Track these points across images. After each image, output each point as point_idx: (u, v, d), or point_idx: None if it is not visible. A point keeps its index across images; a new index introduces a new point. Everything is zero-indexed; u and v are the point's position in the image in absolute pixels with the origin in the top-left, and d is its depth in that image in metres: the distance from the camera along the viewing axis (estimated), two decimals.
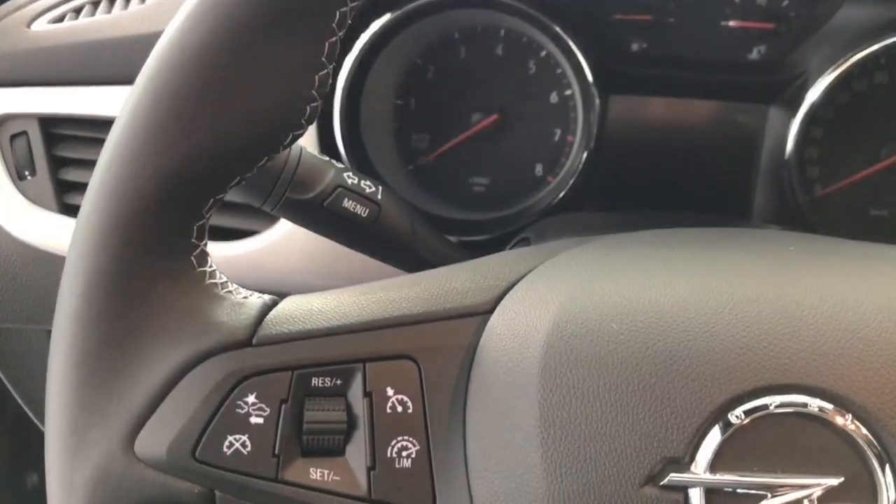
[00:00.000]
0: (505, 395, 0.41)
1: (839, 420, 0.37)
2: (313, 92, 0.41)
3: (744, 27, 0.77)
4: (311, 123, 0.43)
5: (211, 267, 0.44)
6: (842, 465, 0.37)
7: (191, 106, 0.39)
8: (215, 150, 0.40)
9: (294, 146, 0.59)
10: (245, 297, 0.44)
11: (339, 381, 0.42)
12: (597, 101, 0.75)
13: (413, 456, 0.42)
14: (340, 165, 0.59)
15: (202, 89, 0.39)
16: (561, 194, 0.77)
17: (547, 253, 0.48)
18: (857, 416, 0.37)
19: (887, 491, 0.36)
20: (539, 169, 0.82)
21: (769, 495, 0.37)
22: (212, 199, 0.42)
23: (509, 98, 0.81)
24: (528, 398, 0.40)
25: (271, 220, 0.73)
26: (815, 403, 0.37)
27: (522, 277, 0.45)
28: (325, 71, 0.42)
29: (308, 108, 0.42)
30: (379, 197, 0.59)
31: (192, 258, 0.43)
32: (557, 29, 0.74)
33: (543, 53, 0.79)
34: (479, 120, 0.81)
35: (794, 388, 0.37)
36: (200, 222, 0.43)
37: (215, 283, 0.44)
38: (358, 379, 0.42)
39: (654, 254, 0.45)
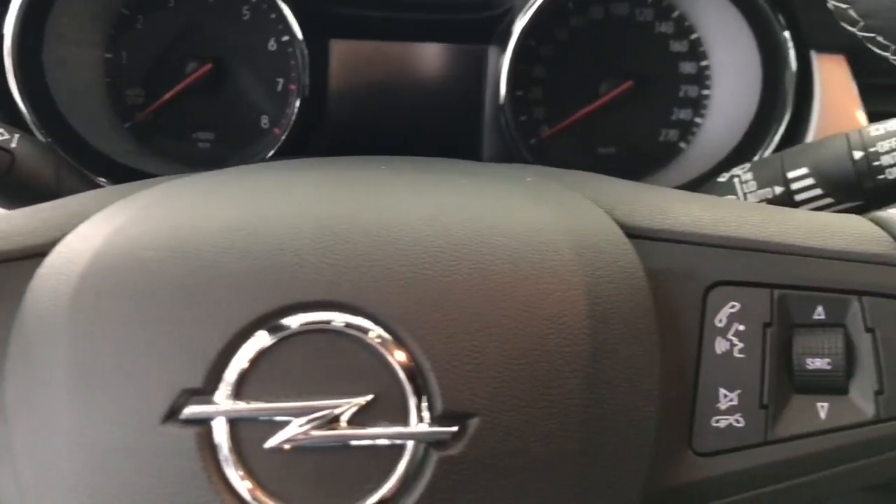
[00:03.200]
0: (38, 336, 0.37)
1: (366, 335, 0.35)
2: None
3: None
4: None
5: None
6: (372, 382, 0.35)
7: None
8: None
9: None
10: None
11: None
12: (304, 49, 0.72)
13: None
14: None
15: None
16: (277, 146, 0.74)
17: (143, 187, 0.44)
18: (386, 330, 0.35)
19: (417, 405, 0.34)
20: (265, 121, 0.78)
21: (294, 420, 0.34)
22: None
23: (225, 47, 0.77)
24: (58, 336, 0.36)
25: None
26: (341, 319, 0.35)
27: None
28: None
29: None
30: (13, 145, 0.54)
31: None
32: None
33: None
34: (193, 71, 0.76)
35: (319, 305, 0.35)
36: None
37: None
38: None
39: (236, 183, 0.42)
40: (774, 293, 0.38)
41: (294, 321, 0.35)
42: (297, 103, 0.73)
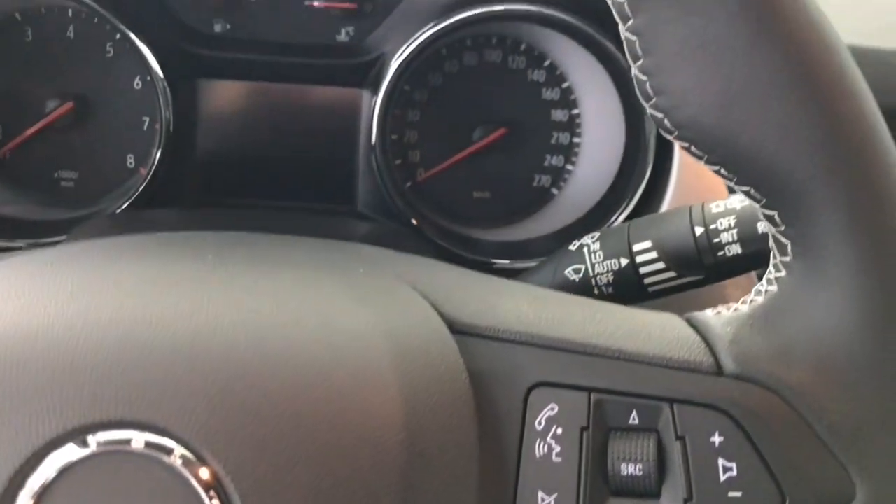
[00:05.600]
0: None
1: (168, 456, 0.34)
2: None
3: (328, 7, 0.74)
4: None
5: None
6: None
7: None
8: None
9: None
10: None
11: None
12: (166, 88, 0.70)
13: None
14: None
15: None
16: (141, 187, 0.72)
17: None
18: (189, 450, 0.34)
19: None
20: (131, 160, 0.76)
21: None
22: None
23: (88, 84, 0.74)
24: None
25: None
26: (141, 439, 0.34)
27: None
28: None
29: None
30: None
31: None
32: (112, 16, 0.68)
33: (119, 36, 0.73)
34: (54, 109, 0.73)
35: (118, 424, 0.34)
36: None
37: None
38: None
39: (50, 275, 0.40)
40: (592, 397, 0.39)
41: (89, 441, 0.33)
42: (161, 142, 0.71)
